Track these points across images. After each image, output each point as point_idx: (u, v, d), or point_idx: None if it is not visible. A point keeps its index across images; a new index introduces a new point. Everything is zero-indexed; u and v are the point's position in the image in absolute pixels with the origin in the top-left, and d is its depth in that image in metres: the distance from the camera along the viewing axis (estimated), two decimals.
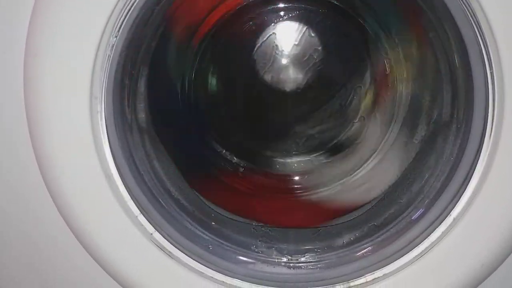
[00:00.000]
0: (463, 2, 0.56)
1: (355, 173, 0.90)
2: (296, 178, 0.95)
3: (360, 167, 0.90)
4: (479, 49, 0.57)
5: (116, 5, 0.56)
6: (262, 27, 0.92)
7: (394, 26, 0.86)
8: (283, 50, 0.91)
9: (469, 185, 0.59)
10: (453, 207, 0.60)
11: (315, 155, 0.96)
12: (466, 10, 0.56)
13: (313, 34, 0.91)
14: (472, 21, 0.56)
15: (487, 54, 0.56)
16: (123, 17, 0.58)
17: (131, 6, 0.58)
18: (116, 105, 0.62)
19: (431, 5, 0.64)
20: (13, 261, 0.72)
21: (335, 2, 0.91)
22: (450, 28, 0.61)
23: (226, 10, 0.90)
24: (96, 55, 0.57)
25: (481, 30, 0.56)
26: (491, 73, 0.57)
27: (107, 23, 0.56)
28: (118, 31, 0.58)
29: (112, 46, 0.58)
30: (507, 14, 0.55)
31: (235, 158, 0.96)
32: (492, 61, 0.56)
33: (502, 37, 0.55)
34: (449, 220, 0.60)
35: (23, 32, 0.59)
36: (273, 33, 0.92)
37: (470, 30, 0.57)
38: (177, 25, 0.83)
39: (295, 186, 0.95)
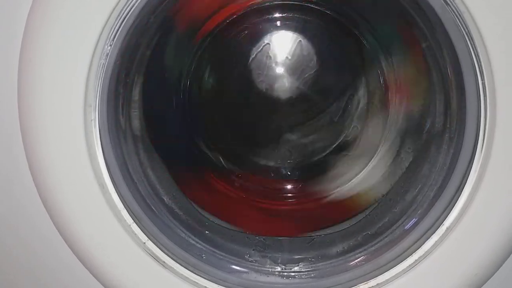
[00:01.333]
0: (455, 14, 0.57)
1: (349, 182, 0.90)
2: (289, 186, 0.95)
3: (353, 176, 0.90)
4: (471, 60, 0.57)
5: (111, 13, 0.56)
6: (257, 36, 0.92)
7: (388, 37, 0.86)
8: (277, 60, 0.92)
9: (462, 194, 0.60)
10: (446, 217, 0.60)
11: (308, 164, 0.96)
12: (458, 22, 0.57)
13: (307, 44, 0.92)
14: (464, 33, 0.57)
15: (479, 65, 0.57)
16: (118, 25, 0.58)
17: (126, 15, 0.58)
18: (110, 113, 0.62)
19: (424, 17, 0.65)
20: (5, 271, 0.72)
21: (331, 13, 0.91)
22: (443, 39, 0.62)
23: (223, 18, 0.91)
24: (91, 63, 0.57)
25: (473, 42, 0.56)
26: (483, 84, 0.57)
27: (102, 31, 0.57)
28: (113, 39, 0.58)
29: (107, 55, 0.58)
30: (498, 26, 0.55)
31: (229, 166, 0.96)
32: (484, 72, 0.57)
33: (494, 48, 0.55)
34: (442, 229, 0.60)
35: (18, 39, 0.59)
36: (268, 43, 0.92)
37: (462, 42, 0.57)
38: (173, 34, 0.84)
39: (289, 194, 0.95)
